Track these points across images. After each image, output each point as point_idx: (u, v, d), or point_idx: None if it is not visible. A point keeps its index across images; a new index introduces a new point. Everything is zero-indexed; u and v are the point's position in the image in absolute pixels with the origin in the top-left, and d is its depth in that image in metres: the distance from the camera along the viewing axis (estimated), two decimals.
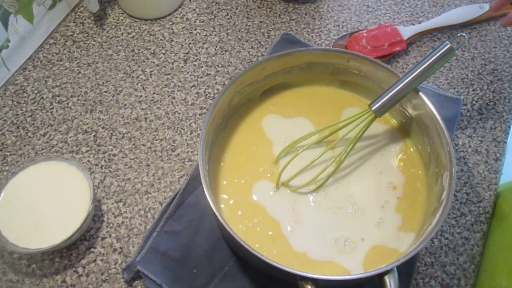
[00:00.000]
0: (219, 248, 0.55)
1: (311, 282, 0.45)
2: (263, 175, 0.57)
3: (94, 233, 0.57)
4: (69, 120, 0.65)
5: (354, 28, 0.76)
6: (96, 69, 0.70)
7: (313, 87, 0.64)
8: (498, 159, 0.64)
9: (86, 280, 0.54)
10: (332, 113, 0.62)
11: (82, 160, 0.62)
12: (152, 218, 0.58)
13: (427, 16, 0.77)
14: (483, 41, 0.74)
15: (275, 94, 0.63)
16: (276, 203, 0.56)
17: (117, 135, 0.64)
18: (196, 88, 0.68)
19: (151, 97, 0.67)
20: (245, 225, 0.54)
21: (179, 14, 0.76)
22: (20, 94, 0.67)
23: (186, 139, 0.64)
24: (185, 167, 0.62)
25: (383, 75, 0.58)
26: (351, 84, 0.63)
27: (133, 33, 0.74)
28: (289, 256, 0.52)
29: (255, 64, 0.57)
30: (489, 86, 0.70)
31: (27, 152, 0.62)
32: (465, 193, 0.61)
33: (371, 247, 0.53)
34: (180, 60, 0.71)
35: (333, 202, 0.56)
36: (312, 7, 0.78)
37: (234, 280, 0.54)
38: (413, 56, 0.73)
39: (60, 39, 0.73)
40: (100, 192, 0.60)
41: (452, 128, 0.64)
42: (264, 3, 0.78)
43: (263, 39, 0.74)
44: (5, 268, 0.55)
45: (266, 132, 0.60)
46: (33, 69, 0.70)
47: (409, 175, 0.58)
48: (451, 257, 0.57)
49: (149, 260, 0.54)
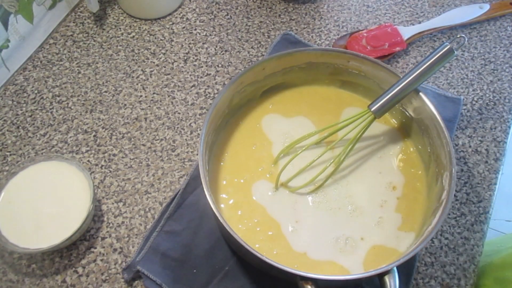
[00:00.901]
0: (219, 248, 0.55)
1: (311, 282, 0.45)
2: (263, 175, 0.57)
3: (94, 233, 0.57)
4: (69, 120, 0.65)
5: (354, 28, 0.76)
6: (96, 69, 0.70)
7: (313, 87, 0.64)
8: (498, 159, 0.64)
9: (86, 280, 0.54)
10: (332, 113, 0.62)
11: (82, 160, 0.62)
12: (152, 218, 0.58)
13: (427, 16, 0.77)
14: (483, 41, 0.74)
15: (275, 94, 0.63)
16: (275, 203, 0.56)
17: (117, 135, 0.64)
18: (196, 88, 0.68)
19: (151, 97, 0.67)
20: (245, 225, 0.54)
21: (179, 14, 0.76)
22: (20, 94, 0.67)
23: (186, 139, 0.64)
24: (185, 167, 0.62)
25: (383, 75, 0.58)
26: (351, 84, 0.63)
27: (133, 33, 0.74)
28: (289, 256, 0.52)
29: (255, 64, 0.57)
30: (489, 86, 0.70)
31: (27, 152, 0.62)
32: (465, 193, 0.61)
33: (371, 247, 0.53)
34: (180, 60, 0.71)
35: (333, 203, 0.56)
36: (312, 7, 0.78)
37: (234, 280, 0.54)
38: (413, 56, 0.72)
39: (60, 39, 0.73)
40: (100, 192, 0.60)
41: (452, 128, 0.64)
42: (264, 3, 0.78)
43: (263, 39, 0.74)
44: (5, 268, 0.55)
45: (266, 132, 0.60)
46: (33, 69, 0.70)
47: (409, 175, 0.58)
48: (451, 257, 0.57)
49: (149, 260, 0.54)
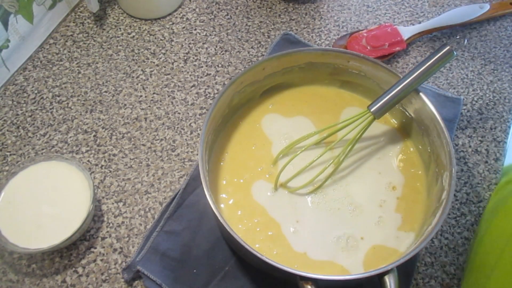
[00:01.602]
0: (219, 248, 0.55)
1: (311, 282, 0.45)
2: (262, 175, 0.57)
3: (94, 233, 0.57)
4: (69, 120, 0.65)
5: (354, 28, 0.76)
6: (96, 69, 0.70)
7: (313, 87, 0.64)
8: (498, 159, 0.64)
9: (86, 280, 0.54)
10: (332, 113, 0.62)
11: (82, 160, 0.62)
12: (152, 218, 0.58)
13: (427, 16, 0.77)
14: (483, 41, 0.74)
15: (275, 94, 0.63)
16: (275, 204, 0.56)
17: (117, 135, 0.64)
18: (196, 88, 0.68)
19: (151, 97, 0.67)
20: (245, 225, 0.54)
21: (179, 14, 0.76)
22: (20, 94, 0.67)
23: (186, 139, 0.64)
24: (185, 167, 0.62)
25: (383, 75, 0.58)
26: (351, 84, 0.63)
27: (133, 33, 0.74)
28: (289, 256, 0.52)
29: (255, 64, 0.57)
30: (489, 86, 0.70)
31: (27, 152, 0.62)
32: (465, 193, 0.61)
33: (371, 247, 0.53)
34: (180, 60, 0.71)
35: (332, 203, 0.56)
36: (312, 7, 0.78)
37: (234, 280, 0.54)
38: (413, 56, 0.72)
39: (60, 39, 0.73)
40: (100, 192, 0.60)
41: (452, 128, 0.64)
42: (264, 3, 0.78)
43: (263, 39, 0.74)
44: (5, 268, 0.55)
45: (266, 131, 0.60)
46: (33, 69, 0.70)
47: (409, 175, 0.58)
48: (451, 257, 0.57)
49: (149, 260, 0.54)
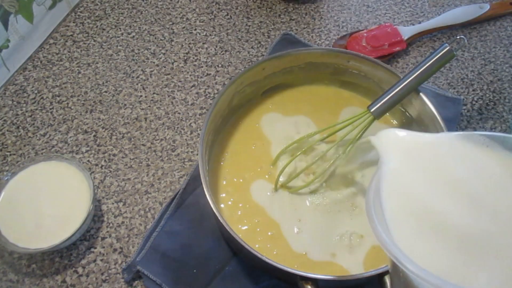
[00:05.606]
0: (219, 248, 0.55)
1: (311, 282, 0.45)
2: (261, 175, 0.57)
3: (94, 233, 0.57)
4: (69, 120, 0.65)
5: (354, 28, 0.76)
6: (96, 69, 0.70)
7: (313, 87, 0.64)
8: None
9: (86, 280, 0.54)
10: (332, 112, 0.62)
11: (82, 160, 0.62)
12: (152, 218, 0.58)
13: (427, 16, 0.77)
14: (483, 41, 0.74)
15: (275, 94, 0.63)
16: (275, 204, 0.55)
17: (117, 135, 0.64)
18: (196, 88, 0.68)
19: (151, 97, 0.67)
20: (245, 225, 0.54)
21: (179, 14, 0.76)
22: (20, 94, 0.67)
23: (186, 139, 0.64)
24: (185, 167, 0.62)
25: (383, 75, 0.58)
26: (351, 84, 0.63)
27: (133, 33, 0.74)
28: (289, 256, 0.52)
29: (255, 64, 0.57)
30: (489, 86, 0.70)
31: (27, 152, 0.62)
32: None
33: (371, 247, 0.53)
34: (180, 60, 0.71)
35: (332, 203, 0.56)
36: (312, 7, 0.78)
37: (234, 280, 0.54)
38: (413, 56, 0.72)
39: (60, 39, 0.73)
40: (100, 192, 0.60)
41: (452, 128, 0.64)
42: (264, 3, 0.78)
43: (263, 39, 0.74)
44: (5, 268, 0.55)
45: (266, 131, 0.60)
46: (33, 69, 0.70)
47: None
48: None
49: (149, 260, 0.54)
